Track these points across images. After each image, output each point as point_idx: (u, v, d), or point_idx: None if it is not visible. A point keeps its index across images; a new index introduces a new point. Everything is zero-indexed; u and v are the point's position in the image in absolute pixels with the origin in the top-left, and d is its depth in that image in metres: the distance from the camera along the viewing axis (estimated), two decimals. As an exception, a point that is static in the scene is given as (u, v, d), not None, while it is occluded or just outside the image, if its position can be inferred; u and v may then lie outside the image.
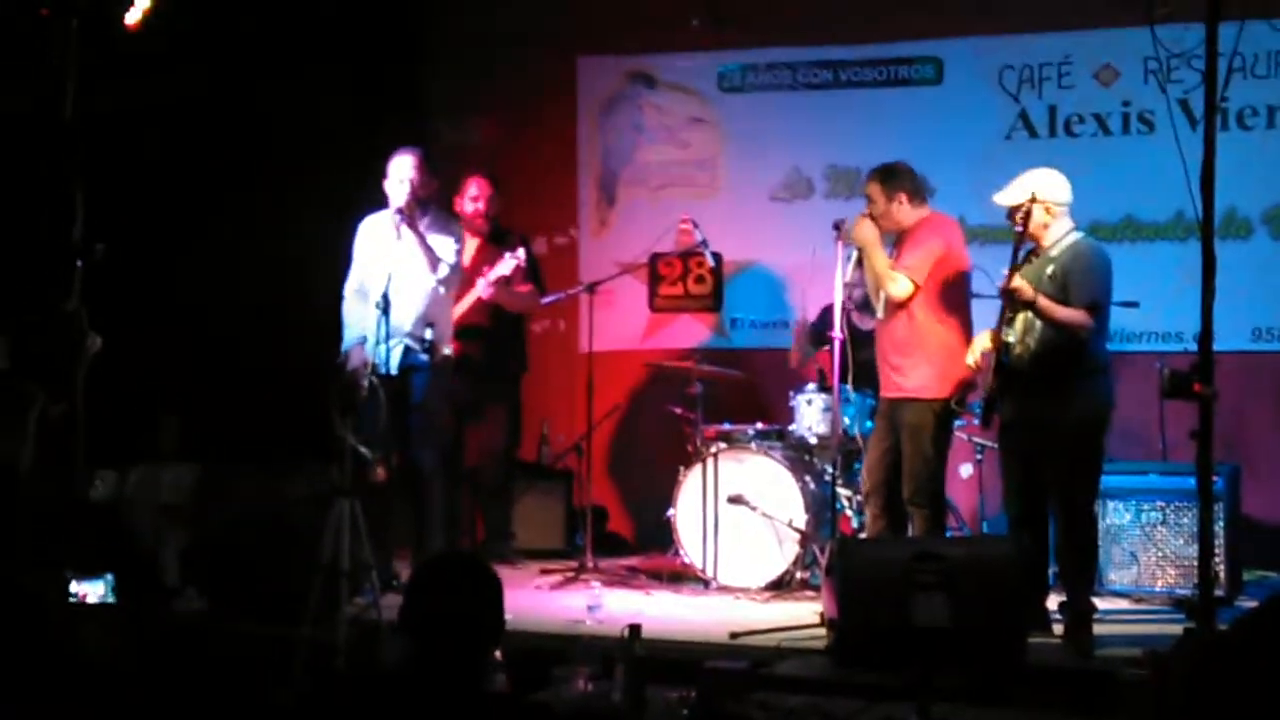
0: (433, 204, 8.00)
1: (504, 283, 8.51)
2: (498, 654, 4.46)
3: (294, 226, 9.07)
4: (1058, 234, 6.85)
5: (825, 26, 9.90)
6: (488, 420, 9.03)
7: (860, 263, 7.48)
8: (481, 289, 8.41)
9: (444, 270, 7.75)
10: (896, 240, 7.45)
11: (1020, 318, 6.78)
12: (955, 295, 7.39)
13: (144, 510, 7.93)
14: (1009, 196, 6.84)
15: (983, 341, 6.87)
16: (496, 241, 8.72)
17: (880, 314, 7.47)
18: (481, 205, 8.70)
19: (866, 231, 7.36)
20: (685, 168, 10.40)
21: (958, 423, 8.22)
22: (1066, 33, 9.48)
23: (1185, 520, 7.79)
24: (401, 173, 7.77)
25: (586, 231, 10.60)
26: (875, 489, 7.51)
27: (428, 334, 7.68)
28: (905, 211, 7.42)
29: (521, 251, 8.50)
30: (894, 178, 7.46)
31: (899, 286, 7.28)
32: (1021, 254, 6.86)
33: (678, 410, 8.86)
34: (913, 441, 7.33)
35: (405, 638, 3.45)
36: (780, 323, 10.03)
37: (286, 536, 7.18)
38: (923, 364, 7.36)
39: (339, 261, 8.03)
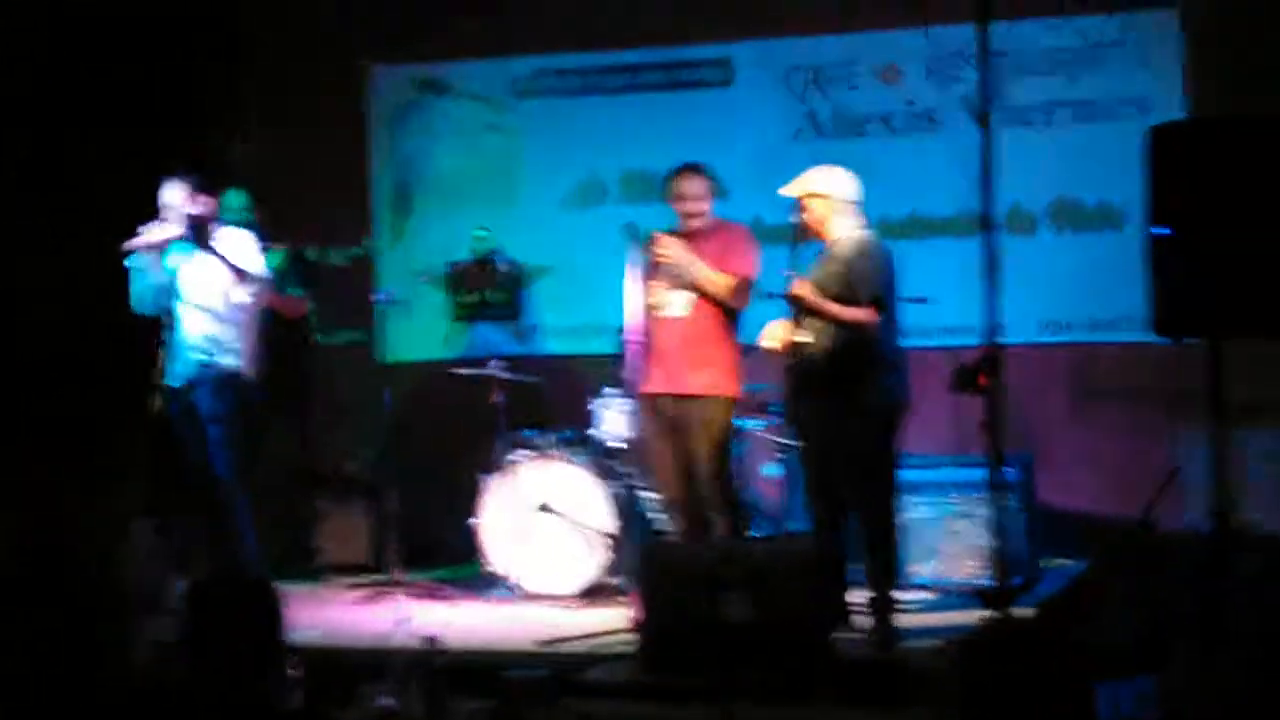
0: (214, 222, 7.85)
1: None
2: (294, 671, 4.21)
3: (76, 246, 8.71)
4: (841, 231, 6.89)
5: (616, 30, 9.87)
6: (277, 435, 9.01)
7: (653, 269, 7.46)
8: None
9: (253, 281, 7.71)
10: (684, 235, 7.45)
11: (809, 318, 6.83)
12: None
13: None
14: (791, 189, 6.92)
15: (777, 330, 6.91)
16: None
17: (681, 311, 7.43)
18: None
19: (682, 251, 7.39)
20: (481, 175, 10.31)
21: (760, 424, 8.40)
22: (850, 34, 9.53)
23: (981, 511, 7.82)
24: (171, 200, 7.70)
25: (381, 241, 10.52)
26: (680, 498, 7.50)
27: (210, 346, 7.59)
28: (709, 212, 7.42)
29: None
30: (710, 176, 7.55)
31: (743, 297, 7.41)
32: (808, 255, 6.99)
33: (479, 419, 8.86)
34: (709, 440, 7.33)
35: (187, 656, 3.26)
36: (580, 327, 10.00)
37: (78, 558, 6.79)
38: (721, 362, 7.39)
39: (123, 280, 7.90)
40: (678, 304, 7.40)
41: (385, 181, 10.47)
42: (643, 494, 7.84)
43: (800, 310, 6.76)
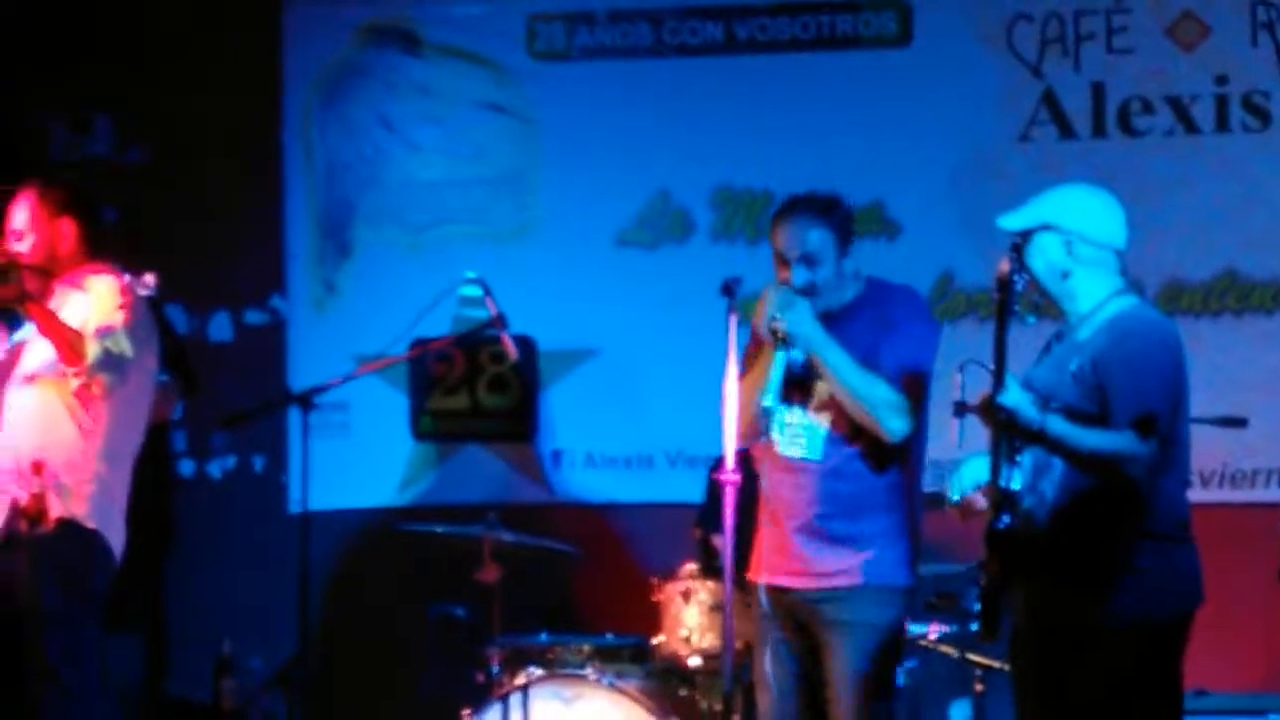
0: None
1: None
2: None
3: None
4: (1091, 300, 5.85)
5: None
6: (113, 641, 7.80)
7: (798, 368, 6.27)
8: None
9: (93, 351, 6.51)
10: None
11: (1027, 452, 5.74)
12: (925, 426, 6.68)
13: None
14: (1017, 218, 5.96)
15: (975, 473, 5.74)
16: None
17: (815, 452, 6.26)
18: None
19: (807, 318, 6.15)
20: (472, 191, 9.15)
21: (938, 630, 7.50)
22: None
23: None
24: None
25: (299, 303, 9.43)
26: None
27: (35, 483, 6.53)
28: (844, 276, 6.50)
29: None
30: (847, 218, 6.38)
31: (903, 422, 6.20)
32: (1029, 339, 5.93)
33: (459, 611, 8.07)
34: (854, 664, 6.15)
35: None
36: (640, 457, 8.98)
37: None
38: (888, 533, 6.20)
39: None
40: (804, 432, 6.33)
41: (308, 199, 9.39)
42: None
43: (1010, 437, 5.65)
